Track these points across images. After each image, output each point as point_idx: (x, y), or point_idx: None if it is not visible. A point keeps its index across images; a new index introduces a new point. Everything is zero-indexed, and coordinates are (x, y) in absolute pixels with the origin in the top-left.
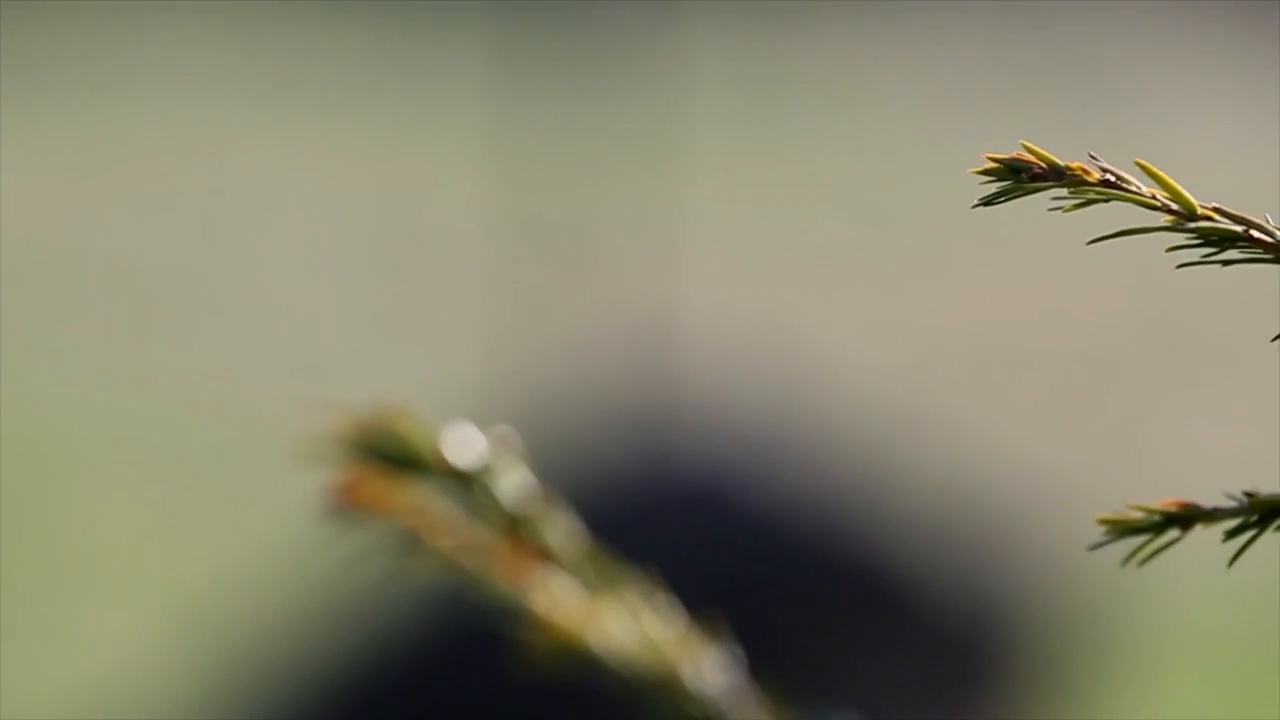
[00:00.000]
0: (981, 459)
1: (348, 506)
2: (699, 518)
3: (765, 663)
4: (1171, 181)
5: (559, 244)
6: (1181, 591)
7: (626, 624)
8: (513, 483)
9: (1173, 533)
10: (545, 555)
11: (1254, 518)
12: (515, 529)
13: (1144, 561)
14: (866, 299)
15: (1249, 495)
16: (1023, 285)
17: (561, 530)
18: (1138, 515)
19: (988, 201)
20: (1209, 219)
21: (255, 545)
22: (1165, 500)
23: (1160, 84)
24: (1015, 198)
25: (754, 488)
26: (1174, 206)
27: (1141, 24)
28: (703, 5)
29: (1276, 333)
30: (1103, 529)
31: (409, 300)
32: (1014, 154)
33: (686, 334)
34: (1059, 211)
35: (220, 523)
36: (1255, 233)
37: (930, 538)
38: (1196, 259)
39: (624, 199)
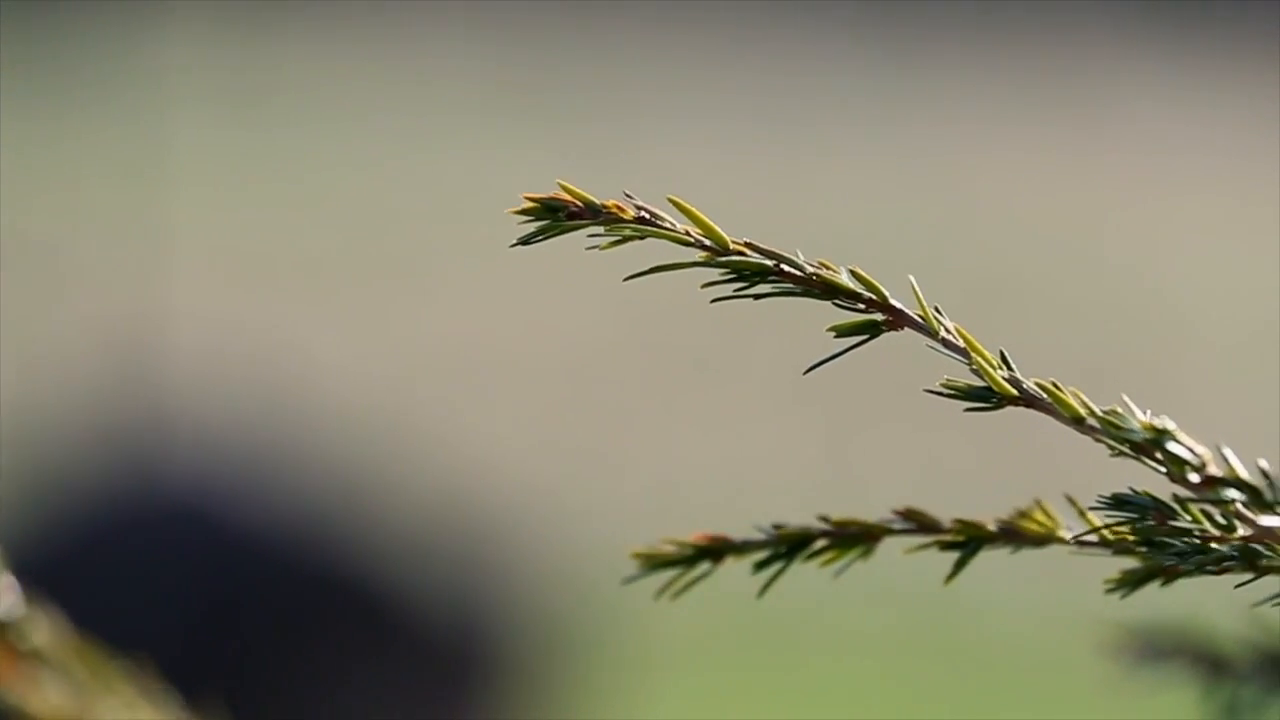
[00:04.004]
0: (468, 471)
1: None
2: (186, 535)
3: (255, 681)
4: (704, 218)
5: (36, 257)
6: (663, 599)
7: (120, 715)
8: None
9: (704, 565)
10: (34, 657)
11: (783, 549)
12: (2, 635)
13: (677, 595)
14: (354, 311)
15: (777, 528)
16: (507, 298)
17: (48, 630)
18: (670, 549)
19: (525, 241)
20: (741, 254)
21: None
22: (697, 534)
23: (658, 94)
24: (553, 236)
25: (242, 503)
26: (707, 242)
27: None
28: (186, 12)
29: (752, 343)
30: (637, 562)
31: None
32: (551, 193)
33: (172, 348)
34: (597, 249)
35: None
36: (785, 267)
37: (417, 551)
38: (730, 293)
39: (105, 210)
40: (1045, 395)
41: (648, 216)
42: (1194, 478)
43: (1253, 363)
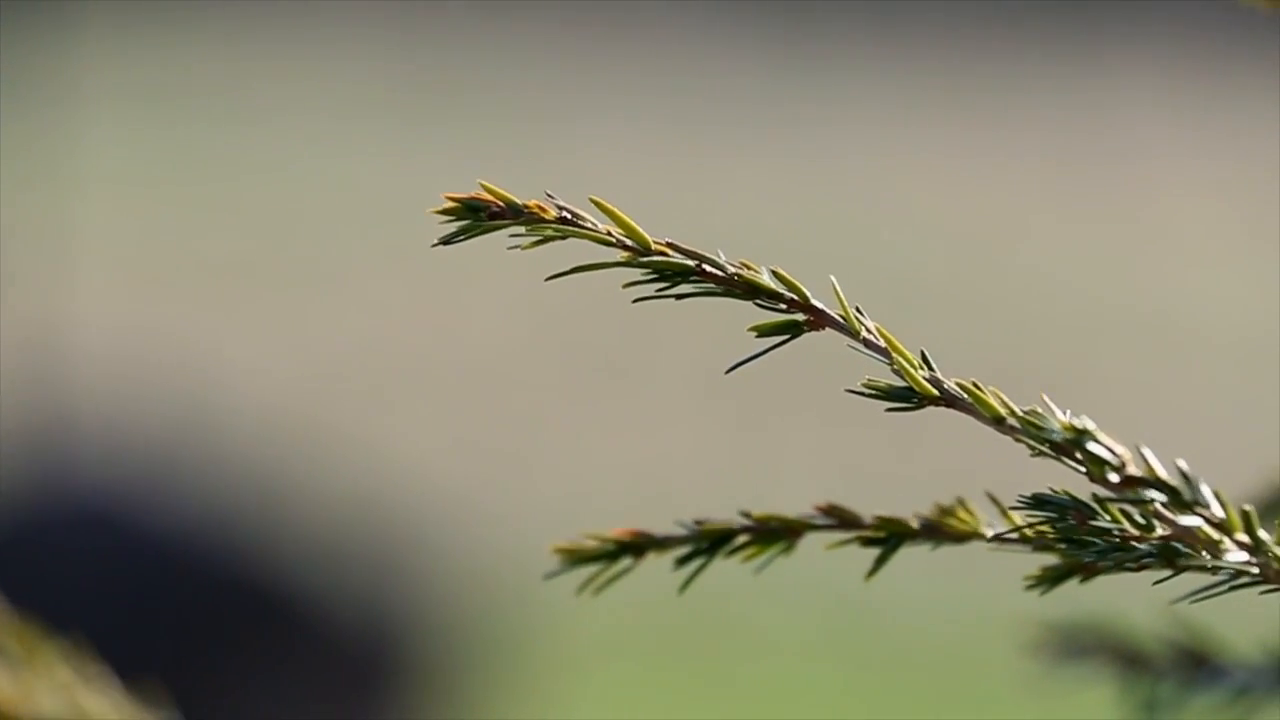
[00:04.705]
0: (380, 474)
1: None
2: (94, 540)
3: (165, 687)
4: (626, 218)
5: None
6: (581, 598)
7: (60, 698)
8: None
9: (626, 560)
10: None
11: (704, 545)
12: None
13: (599, 589)
14: (265, 314)
15: (699, 523)
16: (419, 300)
17: None
18: (592, 544)
19: (447, 241)
20: (663, 254)
21: None
22: (619, 530)
23: (568, 98)
24: (474, 236)
25: (150, 508)
26: (628, 242)
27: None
28: (94, 13)
29: (665, 343)
30: (558, 557)
31: None
32: (473, 193)
33: (81, 352)
34: (519, 249)
35: None
36: (707, 267)
37: (329, 554)
38: (652, 293)
39: (12, 213)
40: (966, 395)
41: (569, 217)
42: (1113, 478)
43: (1167, 361)
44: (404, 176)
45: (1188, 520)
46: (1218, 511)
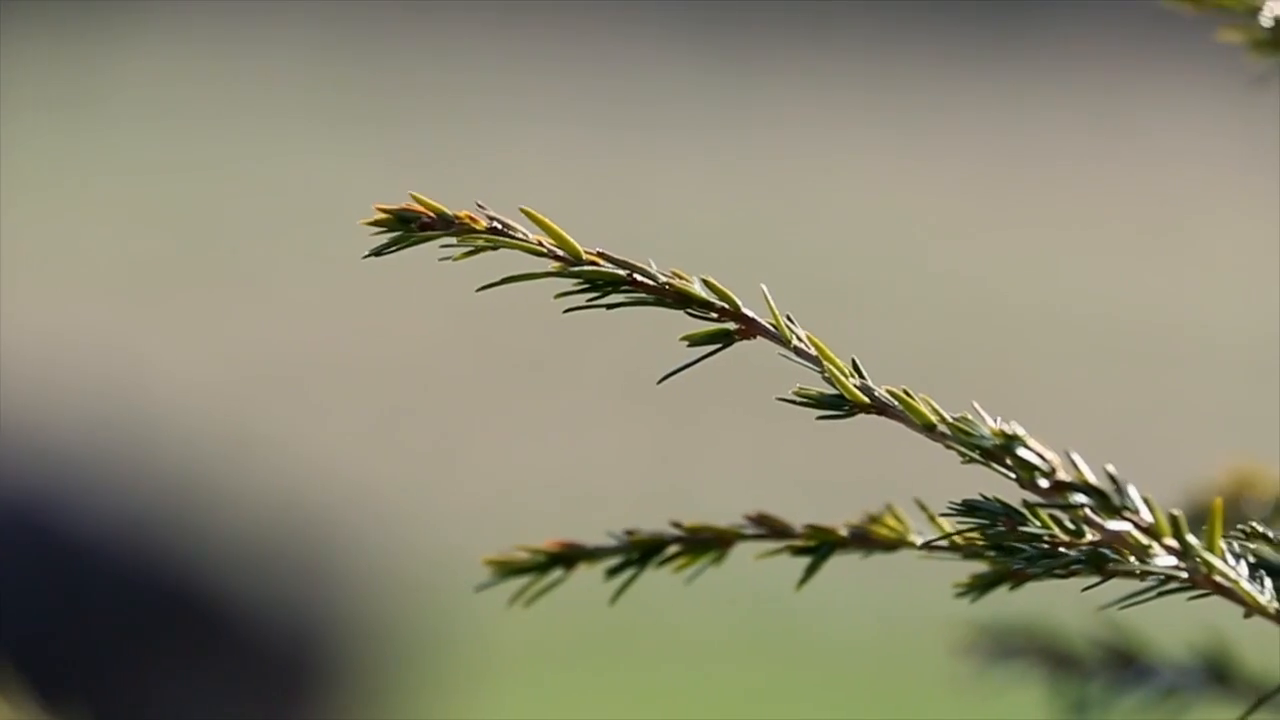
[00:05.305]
0: (305, 479)
1: None
2: (16, 543)
3: (87, 690)
4: (557, 228)
5: None
6: (504, 603)
7: None
8: None
9: (557, 572)
10: None
11: (635, 555)
12: None
13: (530, 601)
14: (189, 318)
15: (630, 534)
16: (343, 304)
17: None
18: (523, 556)
19: (378, 252)
20: (594, 264)
21: None
22: (550, 541)
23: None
24: (405, 247)
25: (75, 511)
26: (560, 252)
27: (478, 37)
28: (16, 14)
29: (588, 347)
30: (489, 569)
31: None
32: (404, 204)
33: (2, 354)
34: (450, 260)
35: None
36: (638, 276)
37: (252, 559)
38: (583, 303)
39: None
40: (897, 403)
41: (500, 227)
42: (1043, 483)
43: (1095, 364)
44: (328, 179)
45: (1116, 525)
46: (1146, 516)
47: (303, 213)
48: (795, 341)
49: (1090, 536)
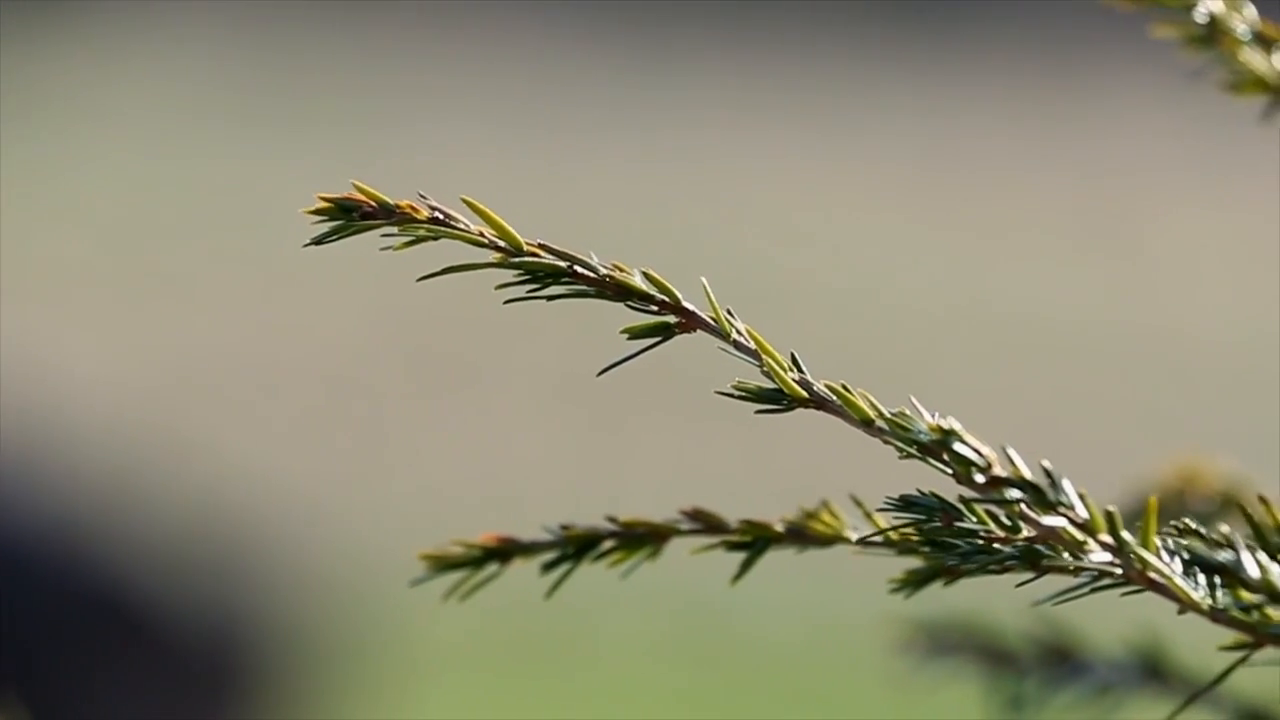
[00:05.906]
0: (228, 480)
1: None
2: None
3: (10, 693)
4: (498, 219)
5: None
6: (428, 602)
7: None
8: None
9: (492, 566)
10: None
11: (571, 550)
12: None
13: (466, 595)
14: (109, 320)
15: (565, 528)
16: (266, 305)
17: None
18: (457, 550)
19: (319, 241)
20: (535, 255)
21: None
22: (486, 535)
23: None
24: (346, 236)
25: None
26: (500, 243)
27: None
28: None
29: (514, 348)
30: (424, 564)
31: None
32: (345, 194)
33: None
34: (391, 250)
35: None
36: (579, 268)
37: (175, 561)
38: (523, 294)
39: None
40: (835, 397)
41: (441, 217)
42: (979, 478)
43: (1028, 365)
44: (252, 180)
45: (1052, 521)
46: (1082, 512)
47: (226, 214)
48: (735, 335)
49: (1026, 532)
